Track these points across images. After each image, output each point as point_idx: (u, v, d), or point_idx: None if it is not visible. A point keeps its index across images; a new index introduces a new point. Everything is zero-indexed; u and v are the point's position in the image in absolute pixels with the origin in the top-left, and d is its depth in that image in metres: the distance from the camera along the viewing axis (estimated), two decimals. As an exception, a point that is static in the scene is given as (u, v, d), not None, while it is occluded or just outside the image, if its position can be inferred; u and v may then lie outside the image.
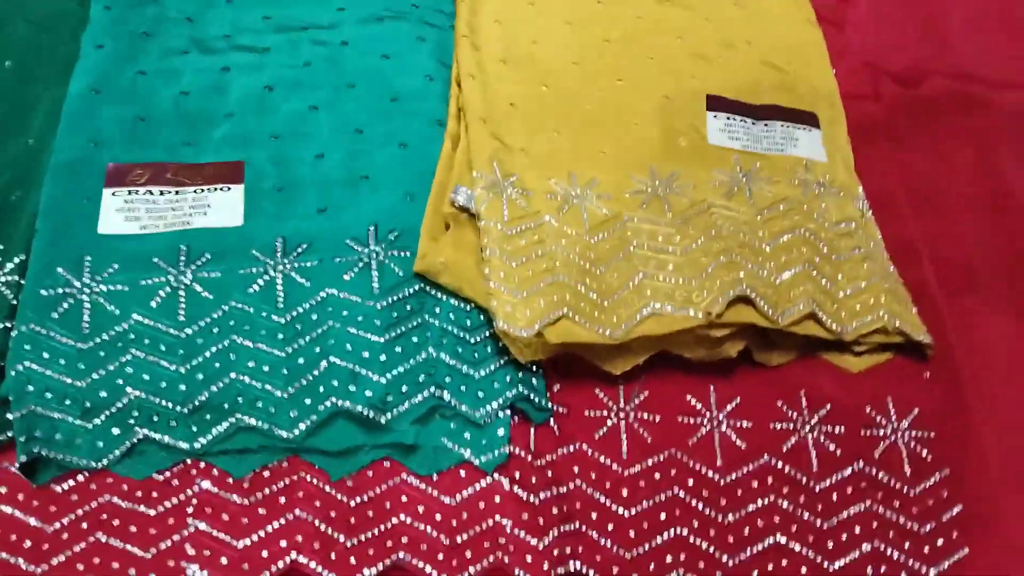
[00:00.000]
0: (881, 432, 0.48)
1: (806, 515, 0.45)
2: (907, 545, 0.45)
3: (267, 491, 0.43)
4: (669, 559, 0.44)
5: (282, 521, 0.42)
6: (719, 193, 0.52)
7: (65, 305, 0.44)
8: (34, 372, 0.42)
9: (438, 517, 0.44)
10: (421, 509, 0.44)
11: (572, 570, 0.43)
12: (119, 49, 0.54)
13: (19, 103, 0.53)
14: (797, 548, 0.44)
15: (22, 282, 0.46)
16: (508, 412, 0.46)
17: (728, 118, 0.57)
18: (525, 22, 0.60)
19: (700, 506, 0.45)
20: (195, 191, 0.49)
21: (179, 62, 0.55)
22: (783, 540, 0.45)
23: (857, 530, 0.45)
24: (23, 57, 0.55)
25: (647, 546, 0.44)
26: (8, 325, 0.44)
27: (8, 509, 0.42)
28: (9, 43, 0.55)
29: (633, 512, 0.45)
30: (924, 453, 0.48)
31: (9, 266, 0.46)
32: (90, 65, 0.53)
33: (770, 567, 0.44)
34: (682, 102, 0.57)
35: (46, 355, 0.43)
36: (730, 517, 0.45)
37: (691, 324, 0.46)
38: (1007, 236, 0.56)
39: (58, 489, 0.43)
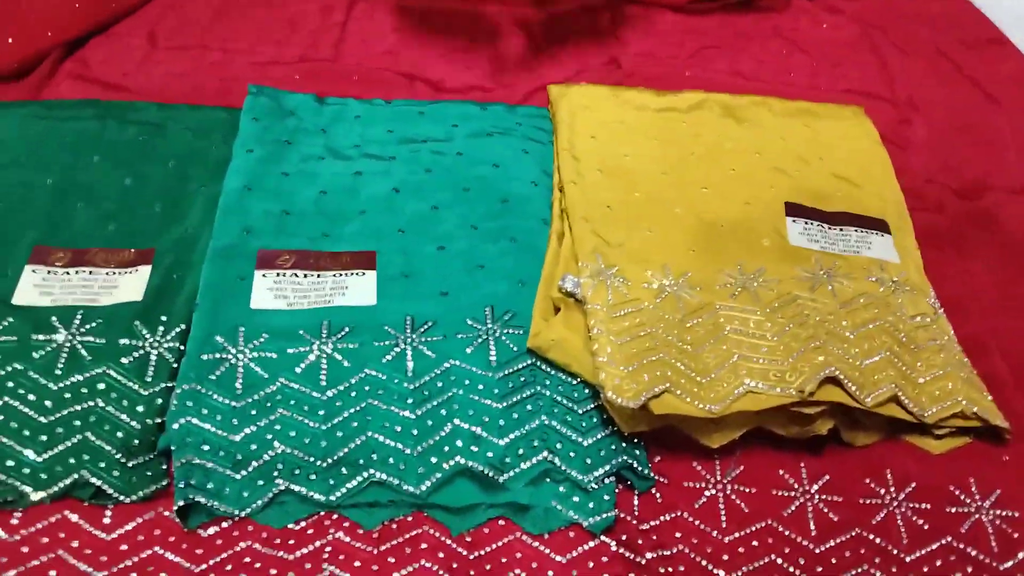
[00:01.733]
0: (966, 510, 0.51)
1: (900, 585, 0.48)
2: (999, 617, 0.47)
3: (394, 542, 0.47)
4: (771, 620, 0.46)
5: (409, 569, 0.46)
6: (803, 287, 0.57)
7: (222, 369, 0.50)
8: (193, 426, 0.47)
9: (550, 574, 0.47)
10: (535, 565, 0.47)
11: (679, 627, 0.45)
12: (266, 154, 0.62)
13: (179, 198, 0.61)
14: (894, 614, 0.46)
15: (182, 348, 0.52)
16: (613, 479, 0.50)
17: (806, 223, 0.62)
18: (617, 138, 0.67)
19: (797, 572, 0.48)
20: (334, 275, 0.56)
21: (317, 166, 0.63)
22: (880, 606, 0.47)
23: (950, 601, 0.47)
24: (181, 159, 0.63)
25: (749, 608, 0.46)
26: (170, 385, 0.50)
27: (160, 550, 0.46)
28: (170, 147, 0.64)
29: (734, 576, 0.47)
30: (1010, 531, 0.50)
31: (171, 334, 0.52)
32: (241, 166, 0.61)
33: (869, 631, 0.46)
34: (763, 208, 0.63)
35: (204, 411, 0.48)
36: (826, 584, 0.47)
37: (784, 401, 0.50)
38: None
39: (204, 534, 0.47)
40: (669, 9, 0.89)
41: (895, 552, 0.49)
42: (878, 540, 0.49)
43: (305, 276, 0.55)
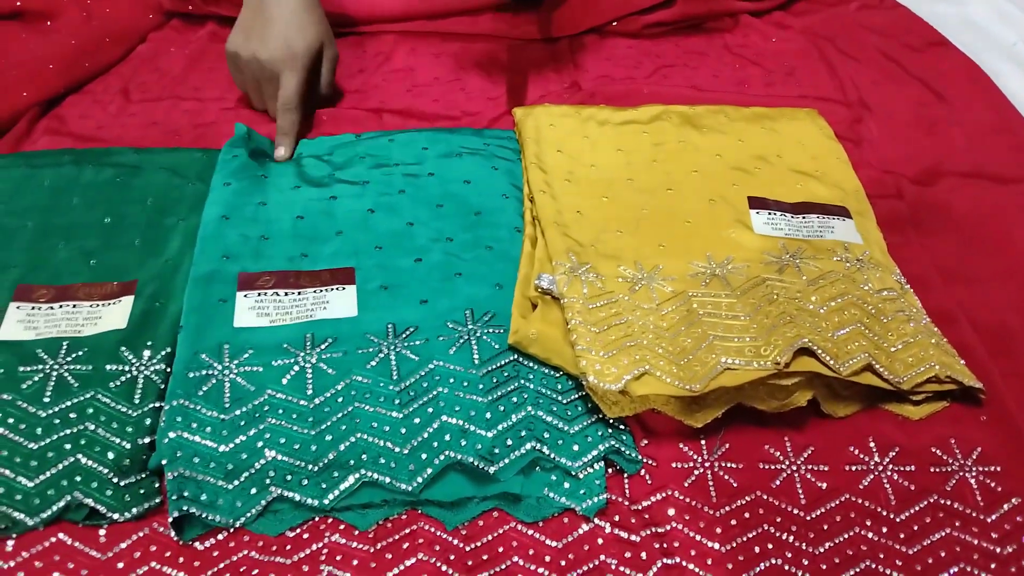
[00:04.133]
0: (949, 468, 0.52)
1: (891, 543, 0.48)
2: (993, 566, 0.47)
3: (390, 539, 0.47)
4: (768, 586, 0.46)
5: (407, 563, 0.46)
6: (771, 270, 0.59)
7: (209, 384, 0.51)
8: (183, 440, 0.48)
9: (547, 559, 0.47)
10: (531, 552, 0.47)
11: (678, 598, 0.46)
12: (242, 187, 0.64)
13: (158, 231, 0.62)
14: (888, 572, 0.47)
15: (168, 370, 0.52)
16: (602, 464, 0.50)
17: (769, 213, 0.64)
18: (582, 151, 0.70)
19: (791, 539, 0.48)
20: (315, 291, 0.57)
21: (293, 195, 0.64)
22: (873, 566, 0.47)
23: (943, 554, 0.48)
24: (159, 196, 0.65)
25: (747, 576, 0.47)
26: (158, 405, 0.51)
27: (158, 565, 0.46)
28: (147, 186, 0.65)
29: (729, 548, 0.48)
30: (993, 484, 0.51)
31: (157, 357, 0.53)
32: (219, 198, 0.63)
33: (865, 589, 0.46)
34: (726, 204, 0.65)
35: (194, 425, 0.49)
36: (820, 548, 0.48)
37: (762, 374, 0.51)
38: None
39: (200, 547, 0.47)
40: (623, 36, 0.93)
41: (884, 513, 0.49)
42: (866, 503, 0.50)
43: (286, 294, 0.56)
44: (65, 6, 0.89)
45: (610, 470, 0.51)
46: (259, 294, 0.56)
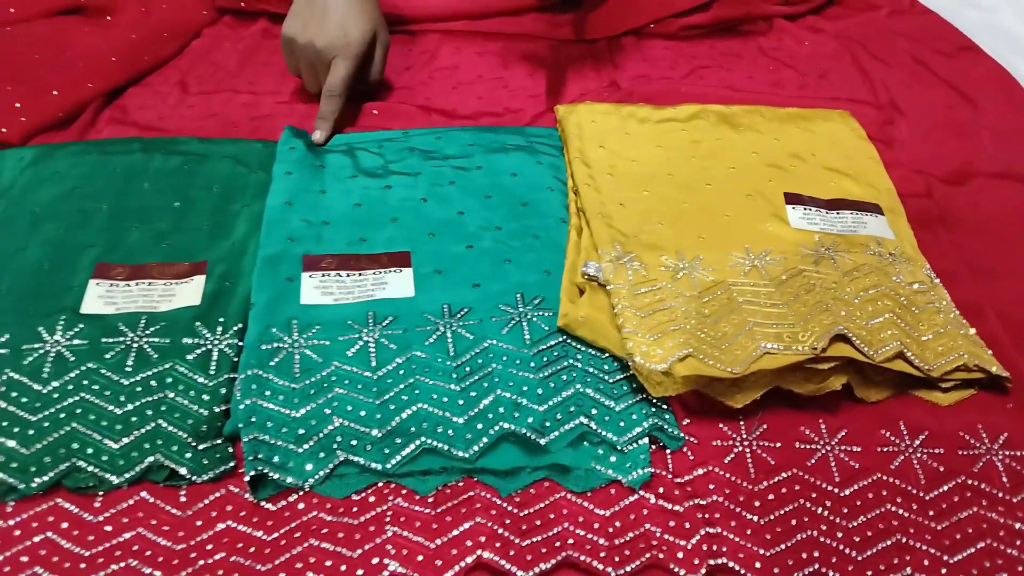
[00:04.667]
0: (976, 452, 0.54)
1: (921, 519, 0.51)
2: (1018, 542, 0.50)
3: (449, 504, 0.50)
4: (804, 555, 0.49)
5: (466, 526, 0.49)
6: (807, 262, 0.62)
7: (280, 356, 0.54)
8: (258, 406, 0.51)
9: (596, 525, 0.50)
10: (581, 519, 0.50)
11: (719, 564, 0.48)
12: (303, 176, 0.68)
13: (225, 216, 0.66)
14: (918, 545, 0.50)
15: (240, 344, 0.56)
16: (647, 440, 0.53)
17: (805, 208, 0.67)
18: (623, 146, 0.73)
19: (826, 514, 0.51)
20: (374, 273, 0.60)
21: (351, 183, 0.68)
22: (904, 540, 0.50)
23: (970, 530, 0.50)
24: (224, 183, 0.69)
25: (783, 546, 0.49)
26: (232, 376, 0.54)
27: (234, 524, 0.49)
28: (214, 173, 0.69)
29: (766, 520, 0.51)
30: (1018, 468, 0.53)
31: (229, 332, 0.57)
32: (282, 186, 0.66)
33: (895, 560, 0.49)
34: (763, 199, 0.68)
35: (267, 393, 0.52)
36: (853, 523, 0.51)
37: (799, 358, 0.54)
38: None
39: (272, 508, 0.50)
40: (660, 38, 0.96)
41: (914, 492, 0.52)
42: (897, 482, 0.53)
43: (348, 275, 0.60)
44: (124, 2, 0.92)
45: (653, 447, 0.54)
46: (323, 275, 0.60)
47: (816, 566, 0.49)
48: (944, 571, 0.49)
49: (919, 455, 0.54)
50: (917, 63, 0.93)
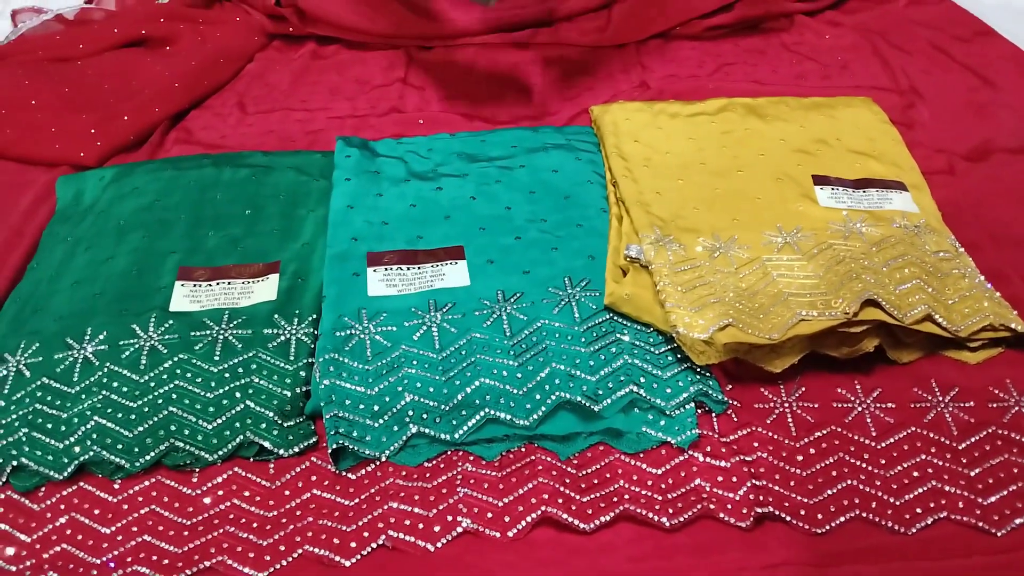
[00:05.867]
0: (1005, 404, 0.58)
1: (954, 467, 0.54)
2: (1049, 485, 0.53)
3: (514, 467, 0.55)
4: (846, 502, 0.53)
5: (530, 485, 0.54)
6: (837, 237, 0.66)
7: (353, 342, 0.59)
8: (336, 386, 0.57)
9: (649, 483, 0.54)
10: (635, 476, 0.55)
11: (766, 512, 0.52)
12: (361, 181, 0.73)
13: (293, 220, 0.71)
14: (952, 490, 0.53)
15: (315, 333, 0.61)
16: (693, 405, 0.58)
17: (833, 188, 0.71)
18: (657, 140, 0.78)
19: (864, 464, 0.55)
20: (432, 266, 0.65)
21: (404, 187, 0.73)
22: (939, 485, 0.53)
23: (1002, 475, 0.54)
24: (290, 191, 0.74)
25: (826, 494, 0.53)
26: (310, 361, 0.60)
27: (319, 492, 0.55)
28: (280, 183, 0.75)
29: (809, 472, 0.55)
30: (1047, 417, 0.57)
31: (304, 323, 0.62)
32: (343, 191, 0.72)
33: (931, 504, 0.53)
34: (793, 182, 0.72)
35: (344, 374, 0.57)
36: (891, 472, 0.54)
37: (833, 323, 0.57)
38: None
39: (353, 477, 0.55)
40: (686, 39, 1.01)
41: (947, 442, 0.56)
42: (931, 434, 0.56)
43: (408, 269, 0.65)
44: (182, 33, 0.99)
45: (700, 412, 0.58)
46: (386, 269, 0.65)
47: (857, 512, 0.53)
48: (978, 511, 0.52)
49: (951, 409, 0.58)
50: (936, 49, 0.96)
